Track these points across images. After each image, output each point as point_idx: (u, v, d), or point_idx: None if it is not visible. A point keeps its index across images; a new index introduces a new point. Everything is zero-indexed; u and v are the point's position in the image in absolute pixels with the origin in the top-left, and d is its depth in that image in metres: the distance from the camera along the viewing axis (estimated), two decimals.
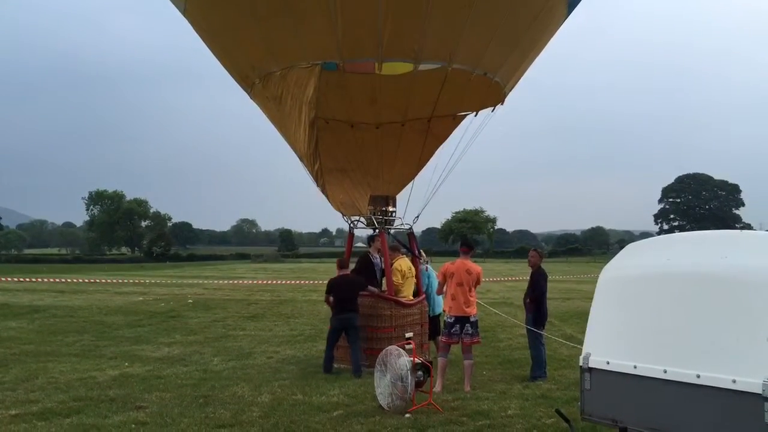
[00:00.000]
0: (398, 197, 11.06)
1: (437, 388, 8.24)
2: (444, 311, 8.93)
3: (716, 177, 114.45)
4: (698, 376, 4.18)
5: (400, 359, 7.32)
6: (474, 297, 8.65)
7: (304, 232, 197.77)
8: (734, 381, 3.99)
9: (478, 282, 8.74)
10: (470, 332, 8.51)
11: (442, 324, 9.43)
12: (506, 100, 10.83)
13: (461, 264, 8.70)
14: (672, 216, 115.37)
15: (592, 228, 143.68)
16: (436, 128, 11.04)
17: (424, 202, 10.98)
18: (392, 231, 10.86)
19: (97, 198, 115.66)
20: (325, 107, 10.10)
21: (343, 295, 9.69)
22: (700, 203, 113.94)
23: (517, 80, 10.73)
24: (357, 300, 9.70)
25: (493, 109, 10.75)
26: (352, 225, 10.75)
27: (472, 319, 8.53)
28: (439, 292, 9.36)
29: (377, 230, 10.48)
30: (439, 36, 8.77)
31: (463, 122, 11.09)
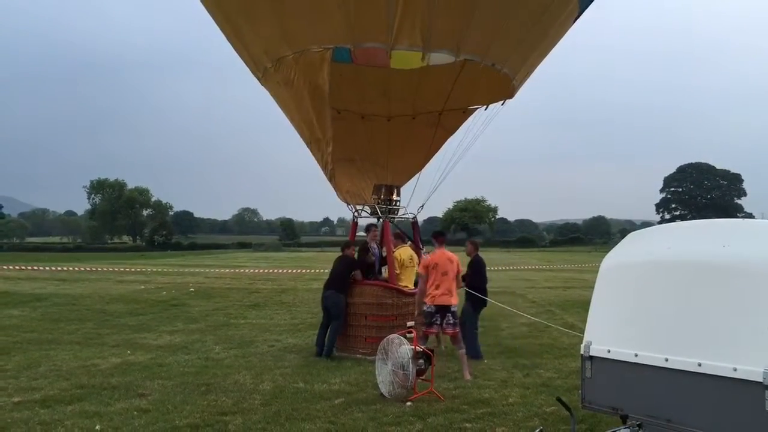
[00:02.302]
0: (402, 187, 11.10)
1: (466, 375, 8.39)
2: (424, 301, 8.67)
3: (718, 166, 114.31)
4: (699, 365, 4.19)
5: (401, 347, 7.34)
6: (456, 286, 8.68)
7: (306, 221, 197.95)
8: (735, 369, 3.99)
9: (458, 270, 8.76)
10: (451, 322, 8.49)
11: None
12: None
13: (442, 254, 8.74)
14: (674, 205, 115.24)
15: (594, 217, 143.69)
16: (446, 121, 11.08)
17: (429, 193, 11.04)
18: (395, 220, 10.89)
19: (98, 187, 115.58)
20: (338, 98, 10.13)
21: (331, 274, 10.10)
22: (701, 193, 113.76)
23: (528, 74, 10.66)
24: (341, 280, 9.89)
25: (503, 103, 10.74)
26: (355, 214, 10.77)
27: (453, 309, 8.55)
28: (422, 286, 8.76)
29: (380, 219, 10.51)
30: (448, 24, 8.73)
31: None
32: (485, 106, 10.89)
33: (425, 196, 11.12)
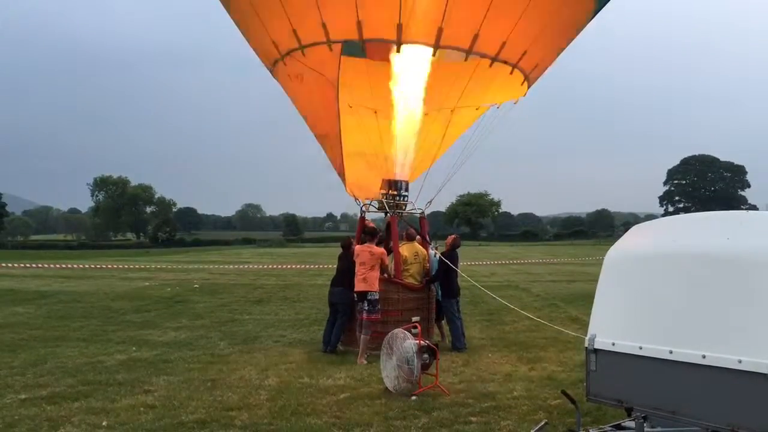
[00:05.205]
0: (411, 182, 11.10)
1: (360, 359, 9.07)
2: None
3: (722, 158, 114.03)
4: (704, 357, 4.18)
5: (405, 342, 7.35)
6: (375, 276, 9.37)
7: (309, 217, 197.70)
8: (740, 361, 3.98)
9: (382, 262, 9.56)
10: (366, 308, 9.26)
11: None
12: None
13: (366, 247, 9.61)
14: (677, 198, 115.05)
15: (597, 210, 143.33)
16: (458, 118, 11.03)
17: (437, 189, 11.06)
18: (403, 215, 10.90)
19: (101, 184, 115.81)
20: (350, 92, 10.11)
21: (337, 271, 10.17)
22: (705, 185, 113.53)
23: (542, 72, 10.58)
24: (349, 276, 9.78)
25: (516, 101, 10.70)
26: (363, 209, 10.77)
27: (369, 297, 9.29)
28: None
29: (387, 214, 10.52)
30: (460, 22, 8.66)
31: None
32: (498, 104, 10.86)
33: (433, 191, 11.16)
